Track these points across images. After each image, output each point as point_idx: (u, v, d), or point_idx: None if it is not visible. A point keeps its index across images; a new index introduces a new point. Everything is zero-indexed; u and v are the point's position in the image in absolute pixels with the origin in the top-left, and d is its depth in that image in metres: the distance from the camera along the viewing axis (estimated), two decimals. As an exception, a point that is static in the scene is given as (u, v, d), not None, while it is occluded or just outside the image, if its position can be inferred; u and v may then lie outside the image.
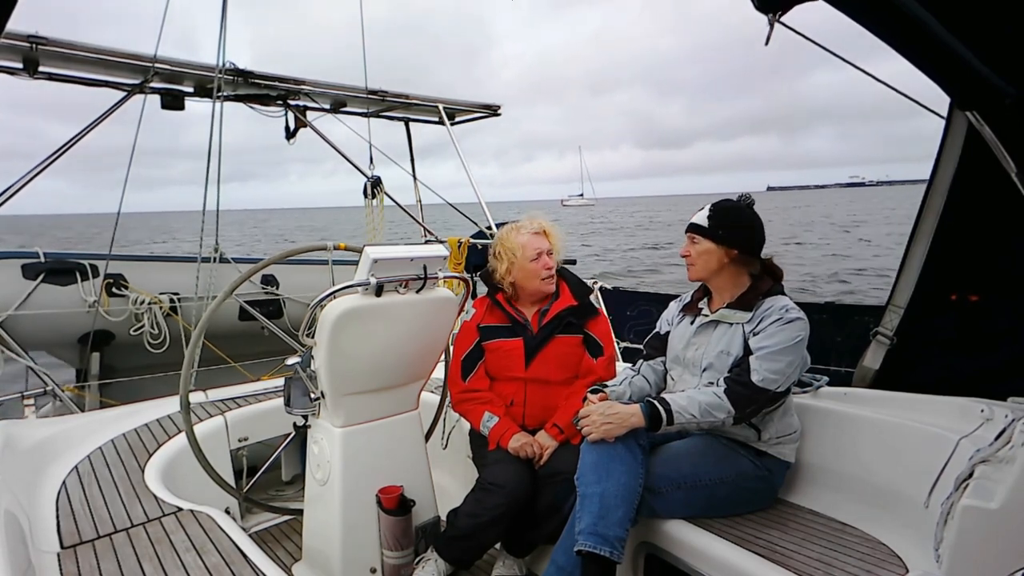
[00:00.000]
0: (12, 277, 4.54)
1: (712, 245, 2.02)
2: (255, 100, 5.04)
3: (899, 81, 2.04)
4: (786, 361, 1.88)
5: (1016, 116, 1.71)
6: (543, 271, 2.29)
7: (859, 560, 1.71)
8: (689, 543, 1.85)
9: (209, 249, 5.10)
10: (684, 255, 2.10)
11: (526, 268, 2.29)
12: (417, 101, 5.64)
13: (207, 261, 5.08)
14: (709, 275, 2.06)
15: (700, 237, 2.04)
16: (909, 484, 1.85)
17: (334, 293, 1.92)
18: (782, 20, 1.82)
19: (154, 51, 4.17)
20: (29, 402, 3.22)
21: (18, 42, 3.69)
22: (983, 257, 2.34)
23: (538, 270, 2.29)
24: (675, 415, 1.86)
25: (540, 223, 2.36)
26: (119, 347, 5.00)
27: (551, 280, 2.32)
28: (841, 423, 2.11)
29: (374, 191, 5.66)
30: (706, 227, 2.03)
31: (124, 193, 4.52)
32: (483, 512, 2.04)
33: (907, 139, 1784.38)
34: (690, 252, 2.07)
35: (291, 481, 2.97)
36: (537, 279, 2.30)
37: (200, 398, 2.81)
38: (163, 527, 1.78)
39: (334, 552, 2.05)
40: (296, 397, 2.09)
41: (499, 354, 2.30)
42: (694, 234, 2.06)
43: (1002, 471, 1.49)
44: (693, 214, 2.12)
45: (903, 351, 2.55)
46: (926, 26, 1.50)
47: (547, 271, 2.29)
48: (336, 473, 2.04)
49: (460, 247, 5.55)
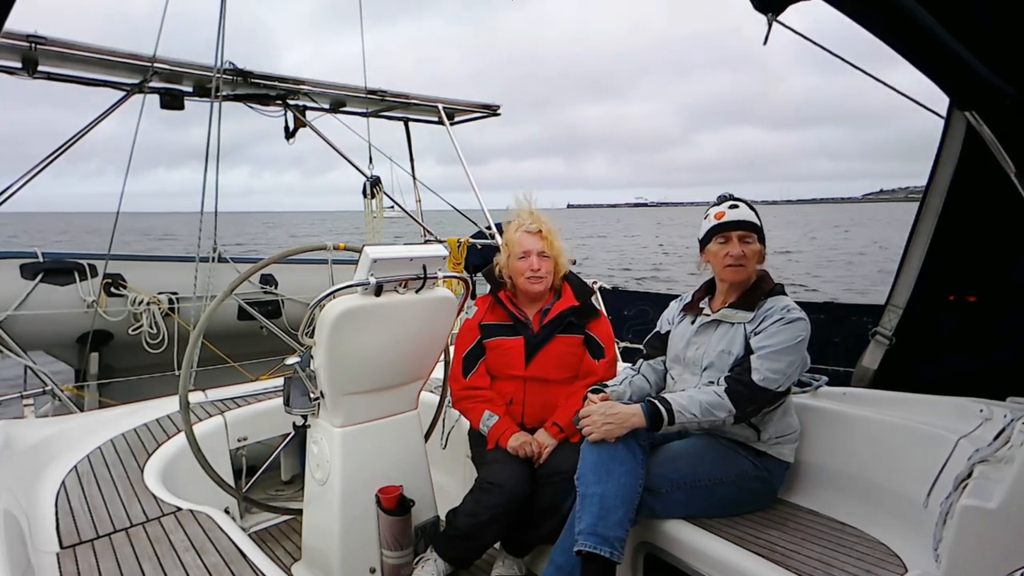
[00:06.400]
0: (11, 277, 4.54)
1: (760, 246, 1.98)
2: (254, 100, 5.04)
3: (898, 82, 2.04)
4: (787, 361, 1.88)
5: (1016, 116, 1.71)
6: (527, 271, 2.26)
7: (858, 560, 1.72)
8: (689, 543, 1.85)
9: (208, 249, 5.10)
10: (738, 255, 1.95)
11: (515, 265, 2.30)
12: (416, 101, 5.64)
13: (205, 261, 5.08)
14: (753, 277, 2.01)
15: (755, 238, 1.96)
16: (908, 484, 1.85)
17: (334, 293, 1.92)
18: (780, 20, 1.82)
19: (153, 51, 4.17)
20: (28, 402, 3.21)
21: (17, 42, 3.69)
22: (982, 257, 2.34)
23: (523, 269, 2.27)
24: (676, 415, 1.86)
25: (538, 223, 2.32)
26: (118, 347, 4.99)
27: (536, 281, 2.27)
28: (840, 423, 2.11)
29: (373, 191, 5.66)
30: (759, 226, 1.96)
31: (124, 193, 4.52)
32: (482, 512, 2.04)
33: (660, 167, 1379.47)
34: (745, 252, 1.96)
35: (290, 481, 2.97)
36: (521, 277, 2.29)
37: (199, 398, 2.81)
38: (162, 527, 1.77)
39: (333, 552, 2.05)
40: (295, 397, 2.09)
41: (499, 352, 2.30)
42: (748, 232, 1.95)
43: (1001, 471, 1.49)
44: (722, 213, 1.99)
45: (902, 351, 2.55)
46: (925, 26, 1.50)
47: (531, 272, 2.26)
48: (335, 473, 2.04)
49: (460, 247, 5.56)
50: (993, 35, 1.56)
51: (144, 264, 5.26)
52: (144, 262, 5.31)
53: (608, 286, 4.74)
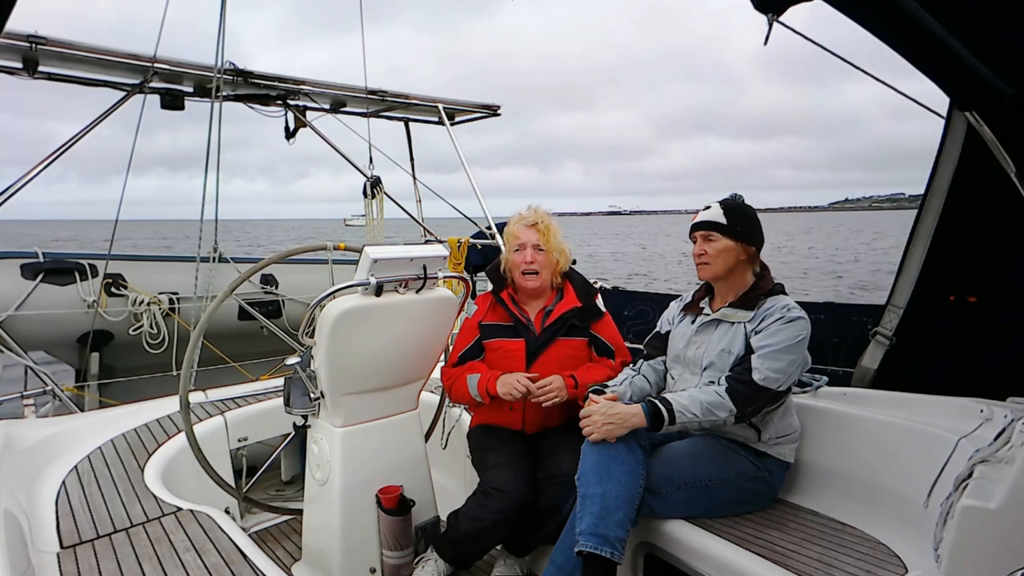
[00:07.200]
0: (11, 277, 4.54)
1: (731, 243, 2.00)
2: (255, 100, 5.04)
3: (898, 83, 2.04)
4: (787, 360, 1.88)
5: (1016, 116, 1.71)
6: (522, 264, 2.26)
7: (859, 560, 1.72)
8: (689, 543, 1.85)
9: (208, 249, 5.10)
10: (699, 254, 2.05)
11: (511, 258, 2.30)
12: (417, 101, 5.64)
13: (206, 261, 5.08)
14: (726, 274, 2.03)
15: (718, 235, 2.00)
16: (908, 484, 1.85)
17: (334, 293, 1.92)
18: (781, 20, 1.82)
19: (154, 51, 4.17)
20: (29, 402, 3.21)
21: (18, 42, 3.69)
22: (982, 257, 2.34)
23: (518, 262, 2.27)
24: (676, 414, 1.86)
25: (536, 216, 2.31)
26: (118, 347, 4.99)
27: (532, 277, 2.26)
28: (840, 423, 2.11)
29: (373, 191, 5.66)
30: (724, 224, 1.99)
31: (124, 193, 4.52)
32: (485, 516, 2.02)
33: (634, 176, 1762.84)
34: (706, 250, 2.02)
35: (291, 481, 2.97)
36: (517, 271, 2.28)
37: (200, 398, 2.81)
38: (163, 527, 1.78)
39: (334, 552, 2.05)
40: (296, 397, 2.09)
41: (500, 354, 2.28)
42: (710, 232, 2.01)
43: (1001, 471, 1.49)
44: (697, 214, 2.09)
45: (902, 351, 2.55)
46: (926, 26, 1.50)
47: (527, 265, 2.25)
48: (336, 473, 2.04)
49: (460, 247, 5.56)
50: (993, 35, 1.57)
51: (144, 264, 5.26)
52: (145, 262, 5.31)
53: (608, 286, 4.74)
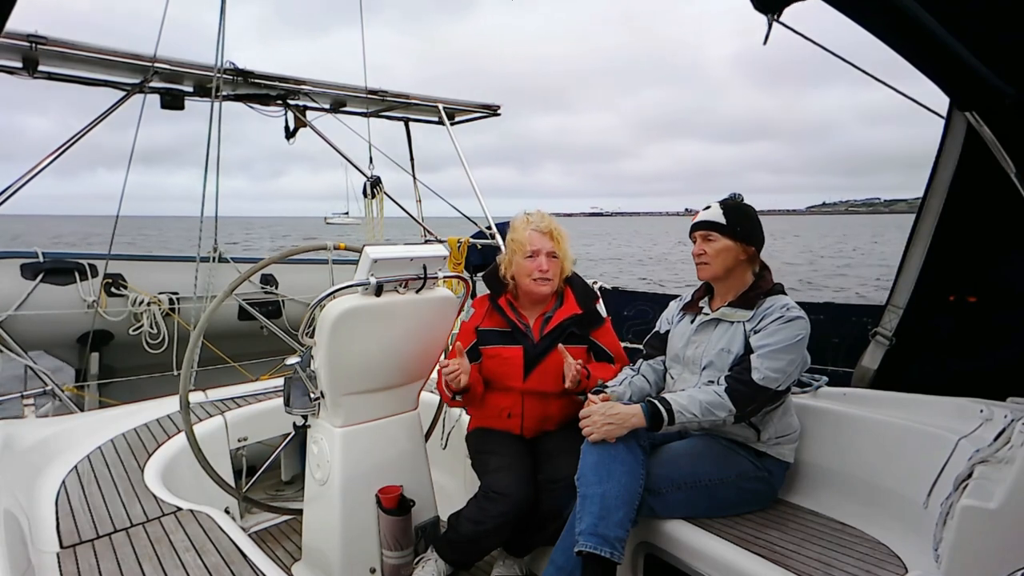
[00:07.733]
0: (11, 277, 4.54)
1: (730, 243, 2.00)
2: (255, 100, 5.04)
3: (897, 84, 2.03)
4: (787, 360, 1.88)
5: (1016, 116, 1.71)
6: (535, 271, 2.21)
7: (858, 560, 1.72)
8: (689, 543, 1.85)
9: (208, 249, 5.10)
10: (699, 254, 2.05)
11: (521, 264, 2.24)
12: (417, 101, 5.64)
13: (206, 261, 5.08)
14: (725, 274, 2.03)
15: (717, 235, 2.00)
16: (908, 484, 1.85)
17: (334, 293, 1.92)
18: (781, 20, 1.82)
19: (154, 51, 4.17)
20: (28, 402, 3.21)
21: (18, 41, 3.69)
22: (982, 258, 2.34)
23: (531, 269, 2.22)
24: (676, 414, 1.86)
25: (549, 224, 2.28)
26: (118, 347, 5.00)
27: (544, 283, 2.23)
28: (840, 423, 2.11)
29: (373, 191, 5.67)
30: (724, 224, 2.00)
31: (123, 193, 4.52)
32: (487, 519, 2.01)
33: (614, 178, 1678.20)
34: (705, 250, 2.02)
35: (291, 481, 2.97)
36: (528, 278, 2.23)
37: (200, 398, 2.81)
38: (162, 527, 1.78)
39: (334, 552, 2.05)
40: (296, 397, 2.09)
41: (497, 361, 2.24)
42: (710, 231, 2.02)
43: (1001, 471, 1.49)
44: (696, 214, 2.09)
45: (902, 351, 2.55)
46: (926, 26, 1.50)
47: (540, 273, 2.21)
48: (336, 473, 2.04)
49: (460, 247, 5.56)
50: (993, 35, 1.57)
51: (144, 264, 5.26)
52: (144, 262, 5.31)
53: (608, 286, 4.73)
